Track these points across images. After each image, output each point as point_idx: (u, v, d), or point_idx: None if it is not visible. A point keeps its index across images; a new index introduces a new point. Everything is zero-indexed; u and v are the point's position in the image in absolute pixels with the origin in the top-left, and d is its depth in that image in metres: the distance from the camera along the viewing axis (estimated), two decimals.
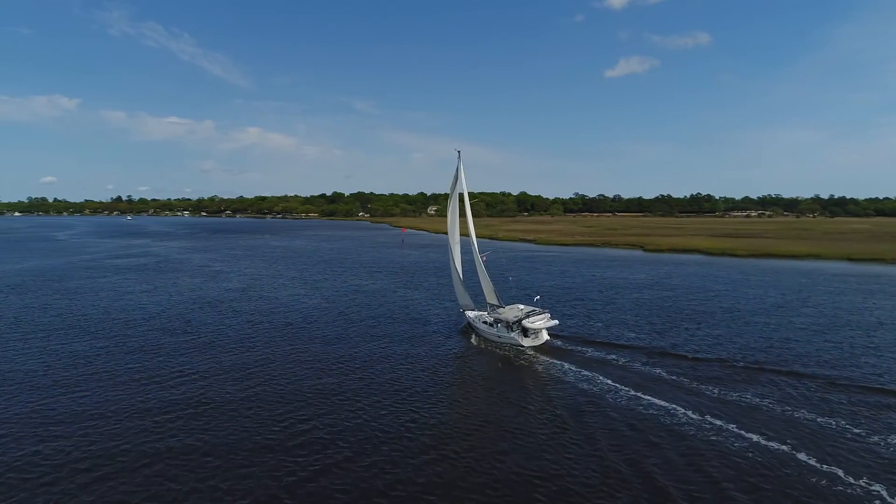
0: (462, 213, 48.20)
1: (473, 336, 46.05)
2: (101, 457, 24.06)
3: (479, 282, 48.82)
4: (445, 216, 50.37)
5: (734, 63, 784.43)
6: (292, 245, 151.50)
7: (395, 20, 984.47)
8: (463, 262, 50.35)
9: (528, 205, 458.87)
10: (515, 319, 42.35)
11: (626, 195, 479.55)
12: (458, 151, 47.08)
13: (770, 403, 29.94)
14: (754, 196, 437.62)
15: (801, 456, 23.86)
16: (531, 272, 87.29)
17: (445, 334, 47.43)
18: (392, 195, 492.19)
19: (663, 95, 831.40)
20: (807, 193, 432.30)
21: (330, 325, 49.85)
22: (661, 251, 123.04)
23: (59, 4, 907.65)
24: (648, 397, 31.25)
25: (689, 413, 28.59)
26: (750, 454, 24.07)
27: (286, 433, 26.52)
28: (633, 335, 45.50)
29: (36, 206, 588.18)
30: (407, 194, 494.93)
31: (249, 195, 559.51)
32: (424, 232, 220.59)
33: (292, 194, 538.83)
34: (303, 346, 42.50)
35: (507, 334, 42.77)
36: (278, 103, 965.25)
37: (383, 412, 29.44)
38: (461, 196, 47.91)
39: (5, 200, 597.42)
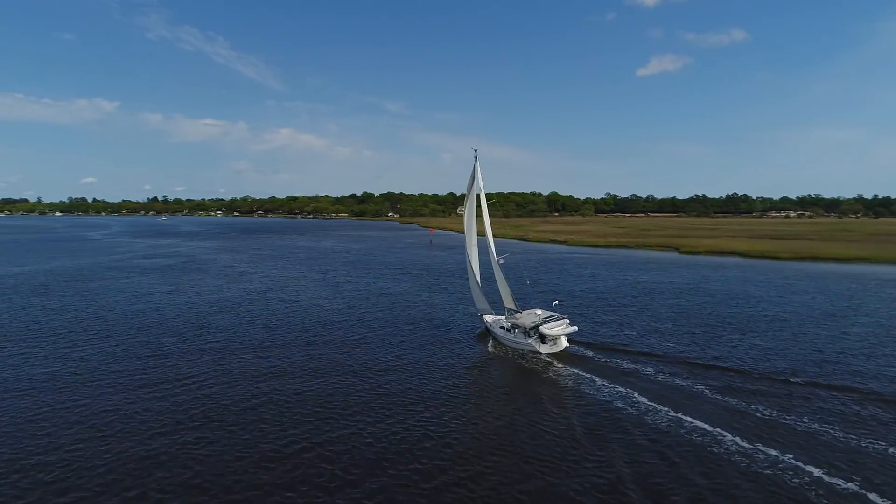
0: (479, 214, 46.27)
1: (490, 341, 44.22)
2: (92, 467, 22.34)
3: (497, 285, 46.46)
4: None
5: (771, 60, 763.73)
6: (319, 246, 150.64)
7: (425, 20, 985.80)
8: (480, 263, 48.12)
9: (558, 205, 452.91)
10: (532, 325, 40.33)
11: (658, 195, 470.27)
12: (475, 150, 44.95)
13: (832, 429, 26.45)
14: (793, 196, 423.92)
15: (874, 497, 20.56)
16: (561, 275, 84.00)
17: (463, 341, 45.02)
18: (421, 195, 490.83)
19: (697, 94, 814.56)
20: (849, 193, 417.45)
21: (346, 332, 47.67)
22: (698, 253, 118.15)
23: (100, 10, 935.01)
24: (681, 415, 28.25)
25: (735, 438, 25.38)
26: (812, 492, 20.87)
27: (280, 454, 24.24)
28: (668, 345, 42.20)
29: (76, 206, 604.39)
30: (436, 194, 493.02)
31: (281, 195, 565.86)
32: (453, 232, 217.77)
33: (323, 194, 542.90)
34: (316, 354, 40.37)
35: (523, 340, 40.88)
36: (310, 104, 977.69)
37: (391, 428, 27.24)
38: (478, 196, 45.98)
39: (47, 200, 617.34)
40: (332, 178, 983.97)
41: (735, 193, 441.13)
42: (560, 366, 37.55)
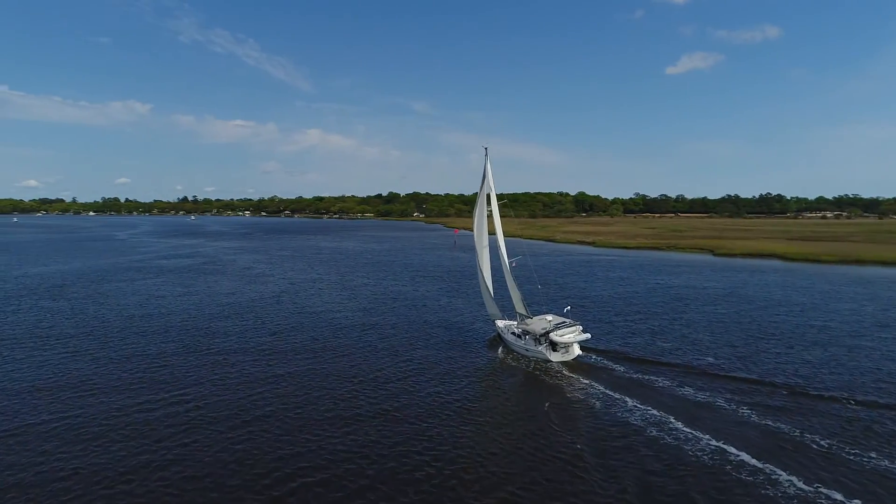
0: (490, 214, 44.37)
1: (501, 348, 42.54)
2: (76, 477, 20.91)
3: (508, 289, 44.40)
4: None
5: (806, 56, 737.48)
6: (341, 246, 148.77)
7: (451, 18, 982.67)
8: (494, 266, 46.21)
9: (586, 205, 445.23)
10: (543, 332, 38.51)
11: (689, 195, 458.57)
12: (486, 148, 43.29)
13: None
14: (829, 196, 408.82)
15: None
16: (587, 278, 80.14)
17: (473, 347, 43.25)
18: (447, 195, 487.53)
19: (728, 92, 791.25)
20: (888, 193, 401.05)
21: (354, 338, 45.27)
22: (733, 256, 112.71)
23: (134, 14, 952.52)
24: (722, 444, 24.83)
25: (791, 478, 21.73)
26: None
27: (275, 473, 21.49)
28: (706, 358, 38.44)
29: (109, 206, 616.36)
30: (462, 194, 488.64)
31: (309, 195, 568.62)
32: None
33: (349, 195, 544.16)
34: (323, 363, 37.88)
35: (534, 347, 39.05)
36: (338, 105, 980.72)
37: (391, 443, 25.47)
38: (489, 197, 43.92)
39: (82, 200, 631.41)
40: (358, 179, 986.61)
41: (769, 193, 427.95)
42: (572, 376, 35.23)
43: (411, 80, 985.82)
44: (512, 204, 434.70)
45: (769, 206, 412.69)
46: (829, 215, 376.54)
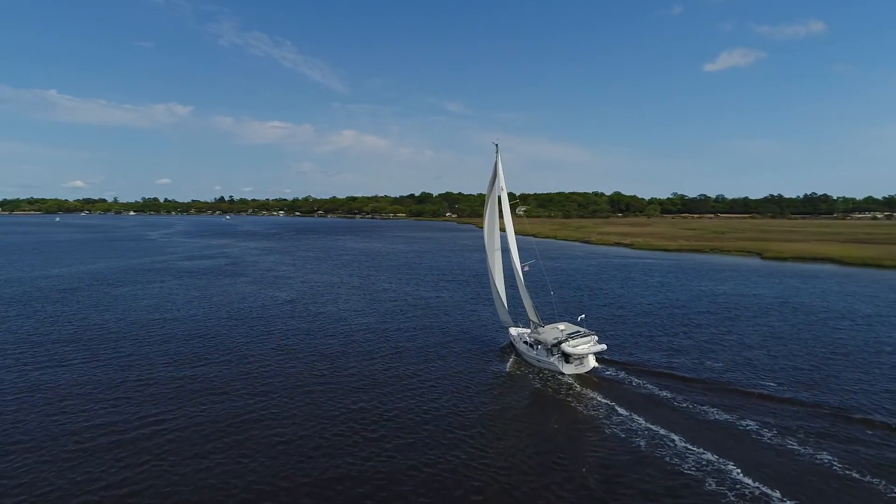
0: (502, 215, 41.69)
1: (512, 358, 40.21)
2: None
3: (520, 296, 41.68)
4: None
5: (852, 51, 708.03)
6: (369, 247, 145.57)
7: (485, 18, 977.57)
8: (508, 270, 43.20)
9: (622, 205, 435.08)
10: (555, 342, 35.87)
11: (729, 195, 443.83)
12: (496, 144, 40.44)
13: None
14: (878, 196, 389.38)
15: None
16: (624, 284, 74.63)
17: (486, 356, 40.83)
18: (480, 195, 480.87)
19: (770, 89, 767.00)
20: None
21: (367, 348, 41.83)
22: (783, 259, 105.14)
23: (176, 19, 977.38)
24: (763, 487, 20.27)
25: None
26: None
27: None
28: (766, 383, 33.12)
29: (148, 206, 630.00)
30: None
31: (342, 195, 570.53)
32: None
33: (382, 194, 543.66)
34: (326, 379, 33.94)
35: (546, 358, 36.62)
36: (373, 106, 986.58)
37: (366, 465, 23.65)
38: (500, 196, 41.23)
39: (124, 200, 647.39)
40: (392, 179, 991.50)
41: (814, 193, 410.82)
42: (586, 391, 32.53)
43: (445, 80, 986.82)
44: (546, 204, 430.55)
45: (814, 206, 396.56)
46: (879, 216, 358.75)
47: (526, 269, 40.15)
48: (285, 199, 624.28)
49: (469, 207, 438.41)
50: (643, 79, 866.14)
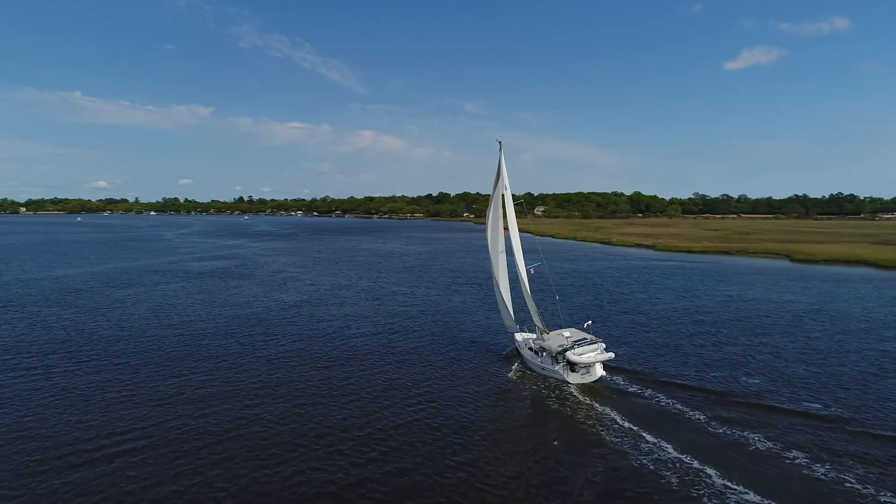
0: (506, 215, 39.49)
1: (516, 365, 38.41)
2: None
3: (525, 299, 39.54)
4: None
5: (877, 49, 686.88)
6: (384, 248, 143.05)
7: (502, 18, 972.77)
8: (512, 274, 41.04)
9: (642, 205, 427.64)
10: (560, 349, 34.16)
11: (752, 195, 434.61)
12: (500, 142, 38.68)
13: None
14: None
15: None
16: (646, 288, 71.00)
17: (490, 365, 38.89)
18: None
19: (793, 87, 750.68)
20: None
21: (368, 360, 39.09)
22: (814, 262, 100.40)
23: (198, 22, 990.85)
24: None
25: None
26: None
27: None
28: (811, 403, 29.59)
29: (169, 206, 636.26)
30: (514, 195, 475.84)
31: (360, 195, 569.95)
32: (528, 234, 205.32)
33: (400, 195, 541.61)
34: (320, 390, 31.24)
35: (550, 367, 34.89)
36: (391, 107, 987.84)
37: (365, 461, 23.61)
38: (504, 196, 39.00)
39: (145, 200, 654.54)
40: (410, 179, 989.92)
41: (839, 193, 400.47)
42: (593, 404, 30.40)
43: (464, 80, 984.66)
44: (565, 204, 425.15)
45: (840, 206, 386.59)
46: None
47: (531, 271, 38.42)
48: (303, 200, 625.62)
49: (486, 207, 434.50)
50: (663, 77, 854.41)
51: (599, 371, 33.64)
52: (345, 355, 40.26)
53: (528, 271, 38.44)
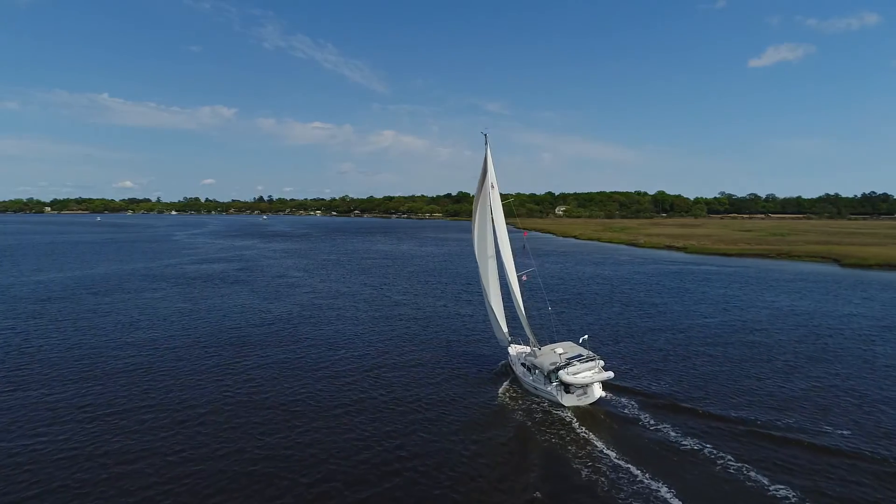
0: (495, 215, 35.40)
1: (506, 383, 34.39)
2: None
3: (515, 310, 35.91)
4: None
5: None
6: (397, 250, 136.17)
7: (525, 17, 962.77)
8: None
9: (666, 205, 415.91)
10: (552, 367, 30.14)
11: (779, 195, 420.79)
12: (485, 135, 35.28)
13: None
14: None
15: None
16: (681, 298, 63.08)
17: (483, 385, 34.35)
18: (518, 195, 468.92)
19: (820, 85, 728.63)
20: None
21: (353, 381, 32.76)
22: (867, 266, 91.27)
23: (223, 24, 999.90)
24: None
25: None
26: None
27: None
28: None
29: (190, 206, 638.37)
30: (534, 194, 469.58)
31: (380, 195, 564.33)
32: (550, 235, 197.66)
33: (420, 194, 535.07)
34: (302, 402, 24.39)
35: (542, 387, 30.99)
36: (413, 107, 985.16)
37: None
38: (492, 192, 34.98)
39: (169, 200, 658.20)
40: (430, 179, 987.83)
41: (872, 192, 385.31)
42: (589, 435, 25.98)
43: (485, 80, 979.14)
44: (587, 204, 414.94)
45: (874, 206, 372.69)
46: None
47: (524, 278, 35.16)
48: (323, 199, 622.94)
49: (507, 207, 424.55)
50: (686, 75, 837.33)
51: (598, 392, 29.75)
52: (322, 374, 35.26)
53: (519, 278, 34.73)
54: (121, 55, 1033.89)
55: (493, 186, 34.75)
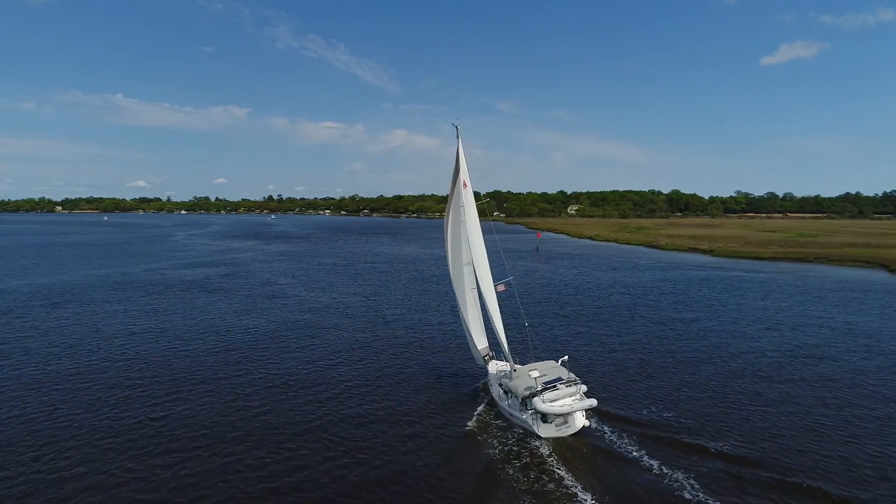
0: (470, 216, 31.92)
1: (482, 406, 30.34)
2: None
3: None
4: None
5: None
6: (400, 252, 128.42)
7: (537, 15, 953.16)
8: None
9: (681, 204, 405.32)
10: (527, 393, 25.69)
11: (797, 193, 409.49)
12: (457, 127, 32.32)
13: None
14: None
15: None
16: (716, 312, 54.86)
17: (460, 410, 30.36)
18: (529, 194, 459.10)
19: (836, 82, 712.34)
20: None
21: (318, 402, 24.34)
22: None
23: (235, 24, 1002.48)
24: None
25: None
26: None
27: None
28: None
29: (200, 205, 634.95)
30: (545, 193, 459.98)
31: (391, 195, 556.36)
32: (564, 236, 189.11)
33: (430, 193, 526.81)
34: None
35: (518, 414, 26.54)
36: (424, 106, 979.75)
37: None
38: (465, 192, 31.30)
39: (180, 199, 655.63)
40: (441, 178, 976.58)
41: (894, 191, 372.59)
42: (567, 476, 22.20)
43: (497, 79, 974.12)
44: (600, 203, 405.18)
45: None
46: None
47: (501, 288, 32.14)
48: (332, 199, 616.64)
49: (518, 207, 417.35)
50: (698, 73, 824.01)
51: (580, 421, 26.00)
52: (275, 406, 29.78)
53: (496, 288, 31.42)
54: (135, 56, 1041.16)
55: (465, 185, 30.97)
